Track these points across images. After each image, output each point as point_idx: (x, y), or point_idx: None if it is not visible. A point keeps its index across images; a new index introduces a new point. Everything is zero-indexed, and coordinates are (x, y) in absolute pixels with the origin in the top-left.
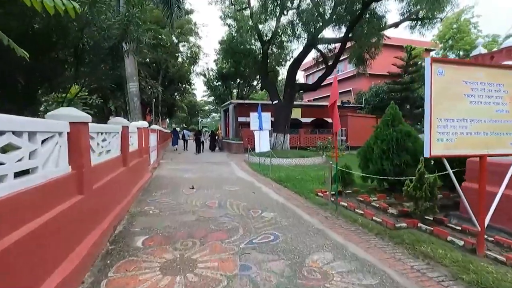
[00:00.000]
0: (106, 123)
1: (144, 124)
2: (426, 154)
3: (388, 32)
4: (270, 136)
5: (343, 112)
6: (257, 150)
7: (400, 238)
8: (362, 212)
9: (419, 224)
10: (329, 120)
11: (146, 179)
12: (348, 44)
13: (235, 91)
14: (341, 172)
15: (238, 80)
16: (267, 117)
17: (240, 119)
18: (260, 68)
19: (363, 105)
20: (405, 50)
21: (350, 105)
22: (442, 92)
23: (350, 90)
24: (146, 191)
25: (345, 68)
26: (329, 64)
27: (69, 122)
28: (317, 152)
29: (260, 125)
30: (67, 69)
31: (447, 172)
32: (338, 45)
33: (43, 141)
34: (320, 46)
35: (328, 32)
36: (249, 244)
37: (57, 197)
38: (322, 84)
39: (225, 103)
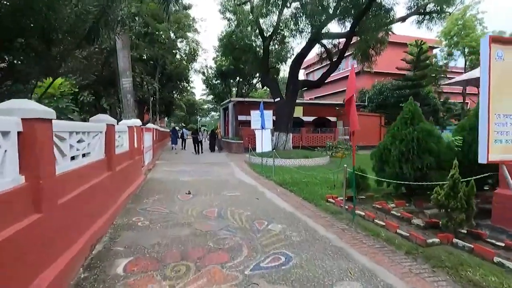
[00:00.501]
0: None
1: (137, 122)
2: (482, 160)
3: (393, 28)
4: (271, 135)
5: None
6: (258, 150)
7: (437, 260)
8: (383, 224)
9: (454, 240)
10: (332, 118)
11: (138, 183)
12: (353, 40)
13: (234, 89)
14: (355, 175)
15: (238, 78)
16: (268, 115)
17: (240, 117)
18: (261, 64)
19: (366, 103)
20: (416, 44)
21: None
22: (501, 82)
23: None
24: (137, 198)
25: (346, 66)
26: (333, 60)
27: (22, 119)
28: (321, 152)
29: (263, 124)
30: (34, 57)
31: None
32: (343, 40)
33: None
34: (324, 41)
35: (333, 26)
36: (256, 270)
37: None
38: (325, 81)
39: (225, 102)
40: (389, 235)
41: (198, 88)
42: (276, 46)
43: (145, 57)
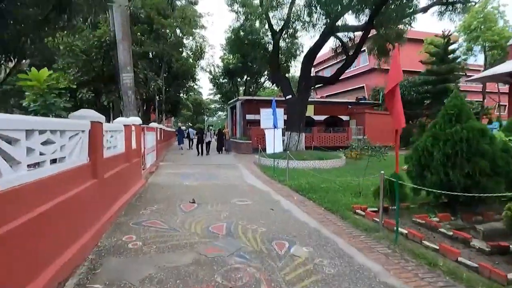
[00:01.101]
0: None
1: (136, 120)
2: None
3: (415, 18)
4: (282, 135)
5: (361, 109)
6: (268, 151)
7: None
8: (437, 247)
9: None
10: (344, 117)
11: (135, 189)
12: (369, 33)
13: (241, 88)
14: (388, 183)
15: (245, 77)
16: (280, 114)
17: (248, 117)
18: (271, 60)
19: (380, 102)
20: (442, 36)
21: (367, 101)
22: None
23: (363, 87)
24: (132, 208)
25: (358, 63)
26: (349, 54)
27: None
28: (337, 153)
29: (275, 123)
30: None
31: None
32: (358, 34)
33: None
34: (339, 35)
35: (349, 18)
36: None
37: None
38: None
39: (232, 100)
40: (449, 265)
41: (205, 88)
42: (287, 41)
43: (151, 55)
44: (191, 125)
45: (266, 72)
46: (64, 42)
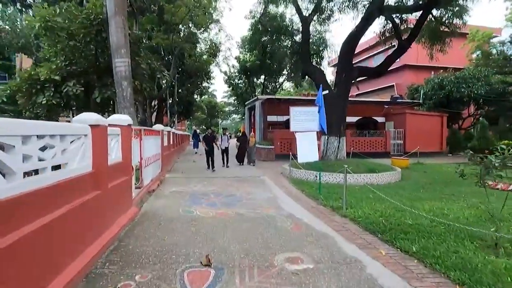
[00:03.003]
0: None
1: (122, 120)
2: None
3: None
4: (317, 140)
5: (400, 110)
6: (300, 160)
7: None
8: None
9: None
10: (379, 119)
11: (115, 232)
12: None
13: (258, 90)
14: None
15: (263, 76)
16: (312, 113)
17: (270, 118)
18: (301, 49)
19: (420, 101)
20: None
21: (405, 100)
22: None
23: (393, 86)
24: (98, 278)
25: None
26: (402, 39)
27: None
28: (388, 165)
29: (322, 122)
30: None
31: None
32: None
33: None
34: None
35: None
36: None
37: None
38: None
39: (250, 100)
40: None
41: (219, 90)
42: (318, 27)
43: (162, 51)
44: (205, 128)
45: (285, 71)
46: (40, 15)
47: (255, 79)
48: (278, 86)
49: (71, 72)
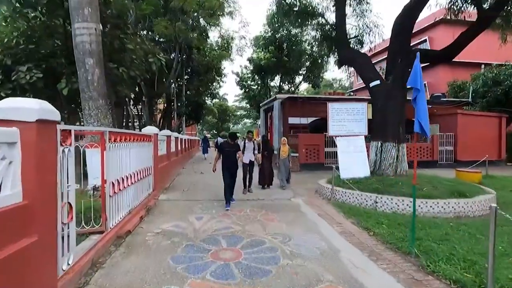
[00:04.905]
0: None
1: (22, 110)
2: None
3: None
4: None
5: (447, 110)
6: (344, 175)
7: None
8: None
9: None
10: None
11: None
12: None
13: (273, 91)
14: None
15: (278, 77)
16: (358, 111)
17: (292, 120)
18: (336, 31)
19: (469, 99)
20: None
21: (452, 99)
22: None
23: (424, 84)
24: None
25: None
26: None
27: None
28: (477, 186)
29: (424, 124)
30: None
31: None
32: None
33: None
34: None
35: None
36: None
37: None
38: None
39: (267, 100)
40: None
41: (230, 94)
42: (355, 4)
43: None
44: (216, 132)
45: (302, 70)
46: None
47: (269, 80)
48: (294, 88)
49: (29, 53)
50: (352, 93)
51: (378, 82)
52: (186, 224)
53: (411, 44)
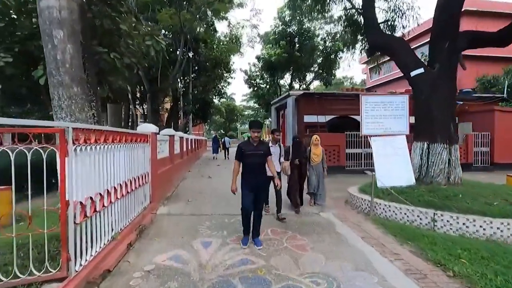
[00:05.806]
0: None
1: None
2: None
3: None
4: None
5: (482, 106)
6: (382, 183)
7: None
8: None
9: None
10: None
11: None
12: None
13: (283, 90)
14: None
15: (289, 75)
16: (398, 105)
17: (308, 118)
18: (363, 14)
19: (505, 95)
20: None
21: (483, 95)
22: None
23: None
24: None
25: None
26: None
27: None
28: None
29: None
30: None
31: None
32: None
33: None
34: None
35: None
36: None
37: None
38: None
39: (279, 98)
40: None
41: (238, 94)
42: None
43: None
44: (224, 132)
45: (314, 67)
46: None
47: (279, 78)
48: (305, 86)
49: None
50: (365, 91)
51: (422, 70)
52: (189, 255)
53: (412, 47)
